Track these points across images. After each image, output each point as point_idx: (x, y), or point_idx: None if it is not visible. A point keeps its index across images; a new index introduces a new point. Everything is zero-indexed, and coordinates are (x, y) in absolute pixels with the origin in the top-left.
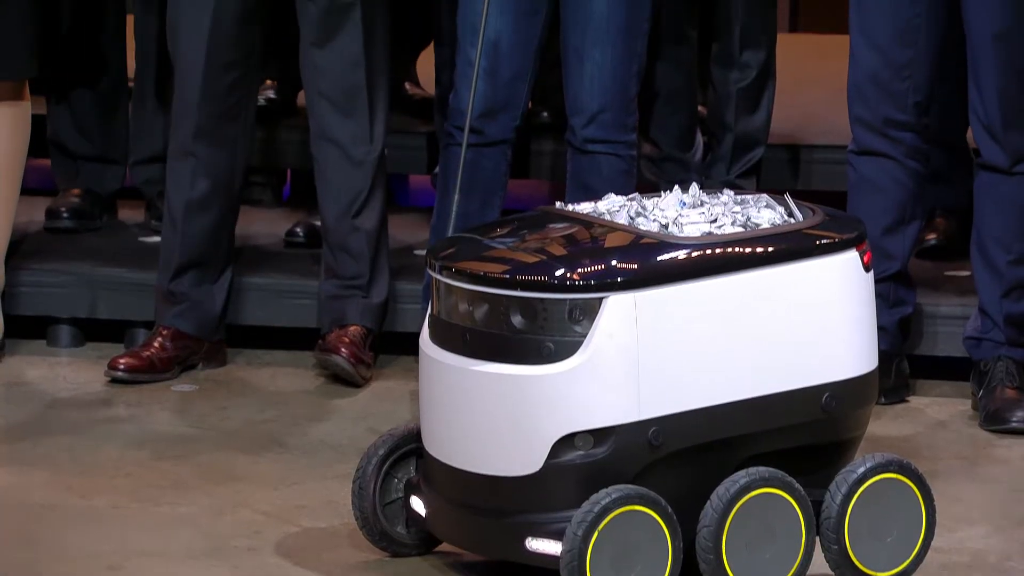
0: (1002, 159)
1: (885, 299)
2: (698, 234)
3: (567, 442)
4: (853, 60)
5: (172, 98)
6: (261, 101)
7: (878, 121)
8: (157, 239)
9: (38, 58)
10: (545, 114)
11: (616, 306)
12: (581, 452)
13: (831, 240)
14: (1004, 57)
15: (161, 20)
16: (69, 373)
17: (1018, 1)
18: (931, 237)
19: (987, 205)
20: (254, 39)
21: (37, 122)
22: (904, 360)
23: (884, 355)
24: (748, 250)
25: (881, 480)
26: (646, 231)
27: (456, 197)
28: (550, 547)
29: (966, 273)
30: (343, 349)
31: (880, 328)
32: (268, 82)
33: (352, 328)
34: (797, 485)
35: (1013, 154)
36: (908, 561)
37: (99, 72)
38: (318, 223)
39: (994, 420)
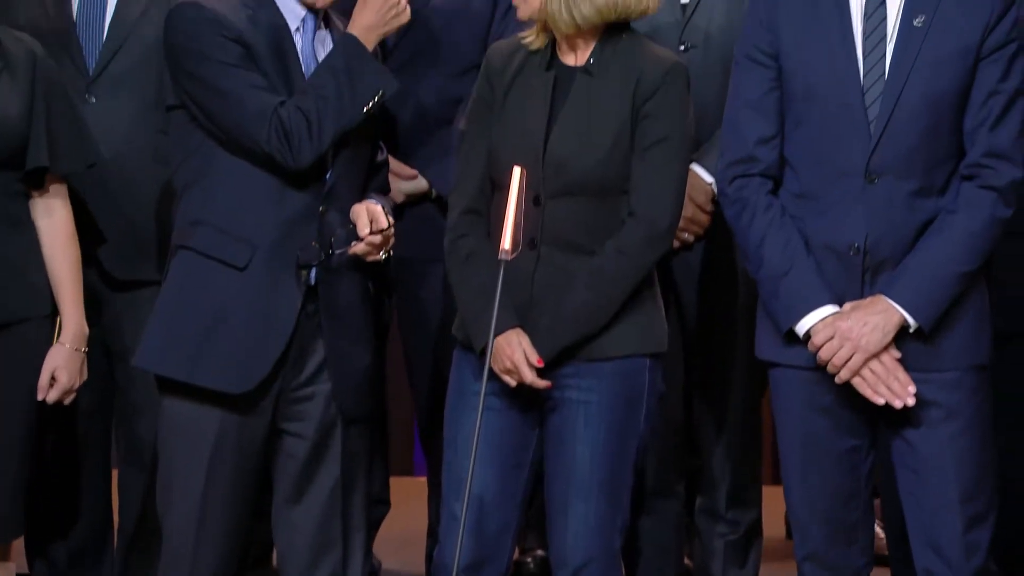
0: None
1: None
2: None
3: None
4: (805, 537)
5: (156, 550)
6: None
7: None
8: None
9: (25, 516)
10: (531, 564)
11: None
12: None
13: None
14: (966, 517)
15: (147, 475)
16: None
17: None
18: None
19: None
20: (245, 499)
21: None
22: None
23: None
24: None
25: None
26: None
27: None
28: None
29: None
30: None
31: None
32: None
33: None
34: None
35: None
36: None
37: (82, 525)
38: None
39: None
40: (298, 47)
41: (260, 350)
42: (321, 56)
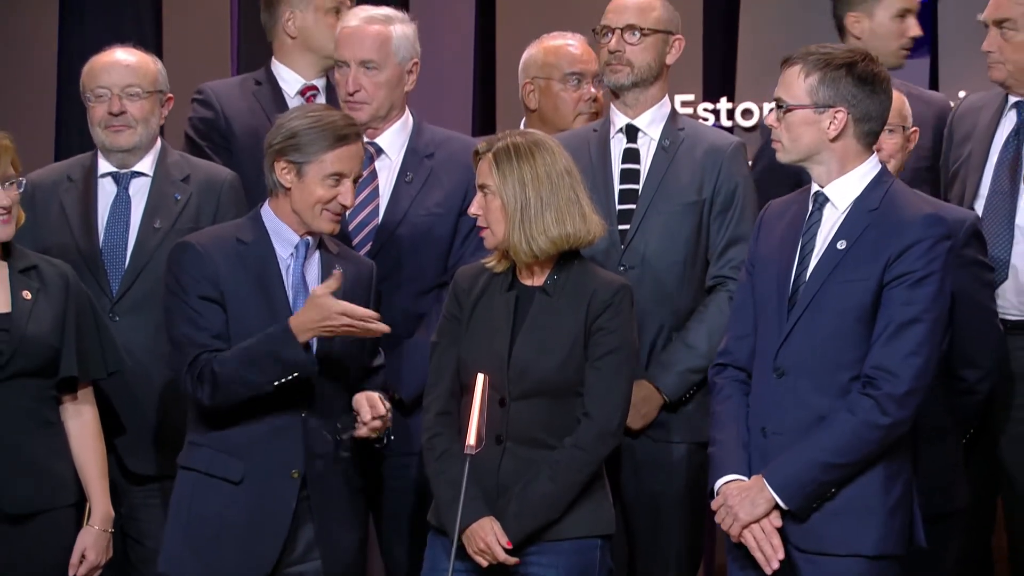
0: None
1: None
2: None
3: None
4: None
5: None
6: None
7: None
8: None
9: None
10: None
11: None
12: None
13: None
14: None
15: None
16: None
17: None
18: None
19: None
20: None
21: None
22: None
23: None
24: None
25: None
26: None
27: None
28: None
29: None
30: None
31: None
32: None
33: None
34: None
35: None
36: None
37: None
38: None
39: None
40: (287, 275)
41: (259, 552)
42: (310, 278)
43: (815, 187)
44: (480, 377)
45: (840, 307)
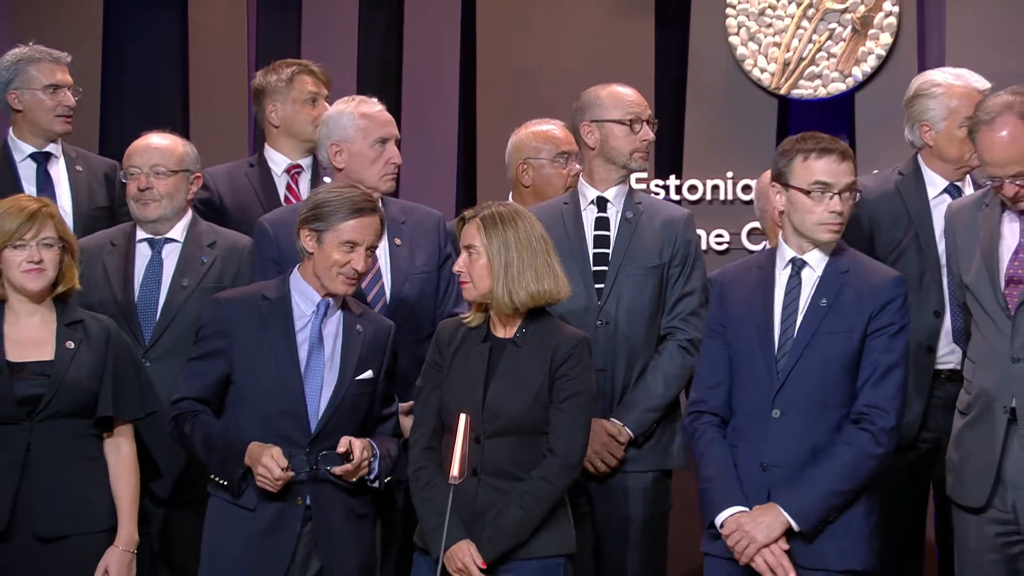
0: None
1: None
2: None
3: None
4: None
5: None
6: None
7: None
8: None
9: None
10: None
11: None
12: None
13: None
14: None
15: None
16: None
17: None
18: None
19: None
20: None
21: None
22: None
23: None
24: None
25: None
26: None
27: None
28: None
29: None
30: None
31: None
32: None
33: None
34: None
35: None
36: None
37: None
38: None
39: None
40: (304, 330)
41: (268, 570)
42: (327, 333)
43: (790, 254)
44: (463, 417)
45: (827, 355)
